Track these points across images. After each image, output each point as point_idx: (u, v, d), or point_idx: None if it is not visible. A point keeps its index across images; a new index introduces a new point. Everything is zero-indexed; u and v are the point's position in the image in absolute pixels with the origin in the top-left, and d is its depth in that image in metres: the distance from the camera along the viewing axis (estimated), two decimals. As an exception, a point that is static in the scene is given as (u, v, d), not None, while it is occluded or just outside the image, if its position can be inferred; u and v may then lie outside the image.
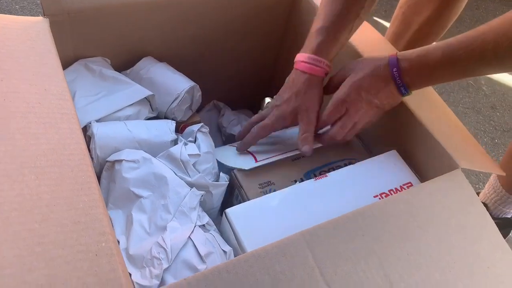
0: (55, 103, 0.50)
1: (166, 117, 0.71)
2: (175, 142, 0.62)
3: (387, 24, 1.73)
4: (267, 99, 0.84)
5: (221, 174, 0.62)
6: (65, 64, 0.68)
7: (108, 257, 0.38)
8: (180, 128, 0.73)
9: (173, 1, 0.71)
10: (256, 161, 0.70)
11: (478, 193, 1.03)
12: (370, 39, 0.72)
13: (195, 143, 0.62)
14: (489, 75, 1.66)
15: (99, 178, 0.58)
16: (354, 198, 0.55)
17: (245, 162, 0.70)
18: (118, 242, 0.50)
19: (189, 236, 0.48)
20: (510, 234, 0.99)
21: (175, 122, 0.64)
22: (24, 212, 0.38)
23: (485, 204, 0.99)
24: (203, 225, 0.51)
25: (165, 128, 0.62)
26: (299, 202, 0.54)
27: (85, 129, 0.61)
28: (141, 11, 0.69)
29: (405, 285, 0.45)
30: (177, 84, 0.70)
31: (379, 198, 0.56)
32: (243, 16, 0.80)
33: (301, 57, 0.63)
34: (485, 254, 0.50)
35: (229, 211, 0.52)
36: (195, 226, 0.50)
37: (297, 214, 0.53)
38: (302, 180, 0.61)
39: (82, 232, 0.39)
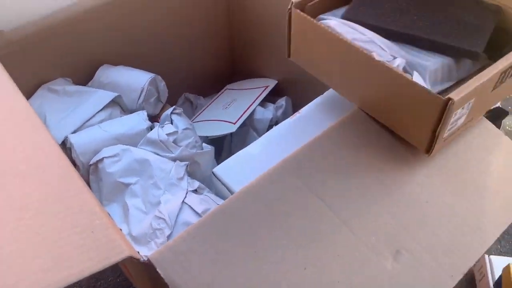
0: (23, 123, 0.51)
1: (138, 113, 0.72)
2: (151, 128, 0.63)
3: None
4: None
5: (204, 144, 0.63)
6: (29, 93, 0.69)
7: (104, 230, 0.39)
8: (154, 122, 0.74)
9: (113, 5, 0.72)
10: (235, 123, 0.72)
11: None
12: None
13: (172, 125, 0.64)
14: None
15: (88, 184, 0.60)
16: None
17: (225, 127, 0.72)
18: (121, 230, 0.52)
19: (183, 201, 0.50)
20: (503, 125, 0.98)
21: (145, 111, 0.65)
22: (17, 211, 0.39)
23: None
24: (195, 190, 0.53)
25: (138, 119, 0.63)
26: (279, 143, 0.56)
27: (64, 144, 0.63)
28: (86, 22, 0.71)
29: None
30: (138, 79, 0.71)
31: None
32: (184, 7, 0.81)
33: None
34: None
35: (216, 169, 0.53)
36: (187, 192, 0.51)
37: (279, 154, 0.54)
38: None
39: (75, 215, 0.40)
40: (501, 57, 0.47)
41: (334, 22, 0.53)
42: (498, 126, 0.94)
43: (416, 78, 0.47)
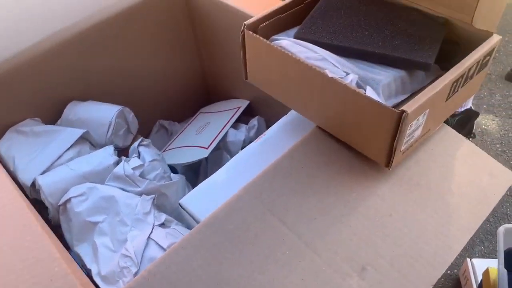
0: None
1: (107, 147, 0.72)
2: (118, 163, 0.63)
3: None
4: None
5: (173, 174, 0.63)
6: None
7: (64, 277, 0.39)
8: (127, 154, 0.74)
9: (74, 42, 0.73)
10: (207, 148, 0.72)
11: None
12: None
13: (139, 158, 0.64)
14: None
15: (59, 225, 0.59)
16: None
17: (198, 153, 0.72)
18: (91, 271, 0.51)
19: (149, 237, 0.49)
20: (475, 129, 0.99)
21: (112, 146, 0.65)
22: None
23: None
24: (162, 223, 0.53)
25: (105, 154, 0.63)
26: (244, 168, 0.56)
27: (34, 186, 0.63)
28: (49, 62, 0.71)
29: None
30: (106, 114, 0.72)
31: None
32: (146, 32, 0.82)
33: None
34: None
35: (182, 200, 0.53)
36: (153, 227, 0.51)
37: (244, 179, 0.54)
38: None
39: (32, 266, 0.40)
40: (452, 67, 0.47)
41: (287, 42, 0.53)
42: (471, 127, 0.95)
43: (370, 92, 0.48)
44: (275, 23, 0.57)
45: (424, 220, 0.46)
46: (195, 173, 0.82)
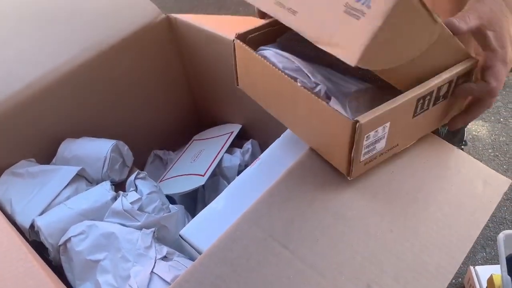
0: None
1: (104, 183, 0.72)
2: (115, 198, 0.63)
3: None
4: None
5: (171, 206, 0.63)
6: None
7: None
8: (124, 188, 0.74)
9: (63, 81, 0.73)
10: (204, 175, 0.72)
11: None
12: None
13: (136, 191, 0.64)
14: None
15: (60, 265, 0.59)
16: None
17: (195, 181, 0.72)
18: (95, 310, 0.51)
19: (152, 271, 0.49)
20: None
21: (109, 181, 0.65)
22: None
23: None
24: (164, 256, 0.53)
25: (102, 190, 0.63)
26: (242, 194, 0.56)
27: (33, 227, 0.62)
28: (40, 102, 0.72)
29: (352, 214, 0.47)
30: (100, 149, 0.72)
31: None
32: (135, 66, 0.83)
33: None
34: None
35: (182, 232, 0.53)
36: (155, 261, 0.51)
37: (243, 206, 0.54)
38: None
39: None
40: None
41: (270, 52, 0.54)
42: (462, 135, 0.96)
43: (333, 103, 0.48)
44: (267, 34, 0.58)
45: (425, 233, 0.47)
46: (192, 200, 0.82)
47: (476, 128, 1.26)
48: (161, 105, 0.93)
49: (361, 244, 0.45)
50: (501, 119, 1.27)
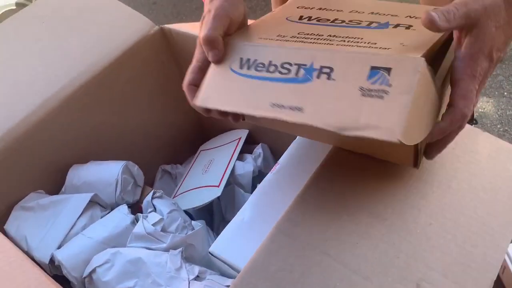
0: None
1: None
2: (136, 220, 0.61)
3: None
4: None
5: (193, 222, 0.61)
6: (3, 218, 0.67)
7: None
8: (139, 208, 0.72)
9: (63, 106, 0.71)
10: (218, 185, 0.71)
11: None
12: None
13: (155, 211, 0.62)
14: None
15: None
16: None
17: (210, 193, 0.71)
18: None
19: (187, 294, 0.47)
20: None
21: (125, 204, 0.63)
22: None
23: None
24: (197, 276, 0.51)
25: (120, 215, 0.61)
26: (267, 203, 0.54)
27: (53, 262, 0.60)
28: (41, 131, 0.69)
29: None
30: (110, 172, 0.70)
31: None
32: (134, 83, 0.81)
33: None
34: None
35: (212, 248, 0.51)
36: (189, 282, 0.49)
37: (270, 215, 0.52)
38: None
39: None
40: None
41: None
42: (472, 114, 0.94)
43: None
44: None
45: (466, 223, 0.45)
46: (208, 213, 0.80)
47: (481, 105, 1.25)
48: (164, 119, 0.91)
49: (403, 242, 0.44)
50: (505, 93, 1.27)
